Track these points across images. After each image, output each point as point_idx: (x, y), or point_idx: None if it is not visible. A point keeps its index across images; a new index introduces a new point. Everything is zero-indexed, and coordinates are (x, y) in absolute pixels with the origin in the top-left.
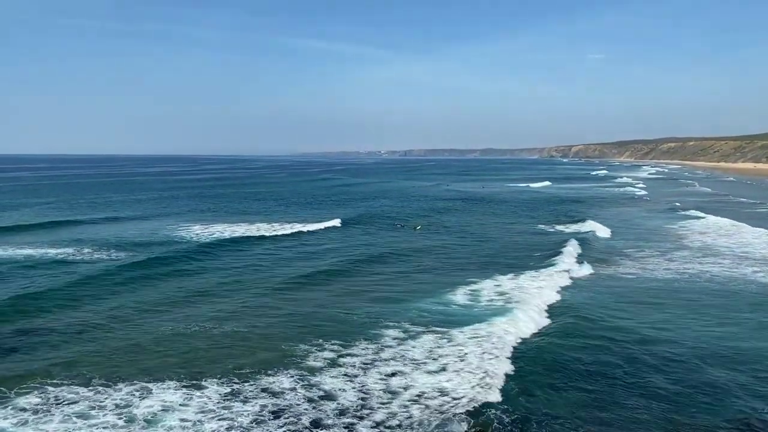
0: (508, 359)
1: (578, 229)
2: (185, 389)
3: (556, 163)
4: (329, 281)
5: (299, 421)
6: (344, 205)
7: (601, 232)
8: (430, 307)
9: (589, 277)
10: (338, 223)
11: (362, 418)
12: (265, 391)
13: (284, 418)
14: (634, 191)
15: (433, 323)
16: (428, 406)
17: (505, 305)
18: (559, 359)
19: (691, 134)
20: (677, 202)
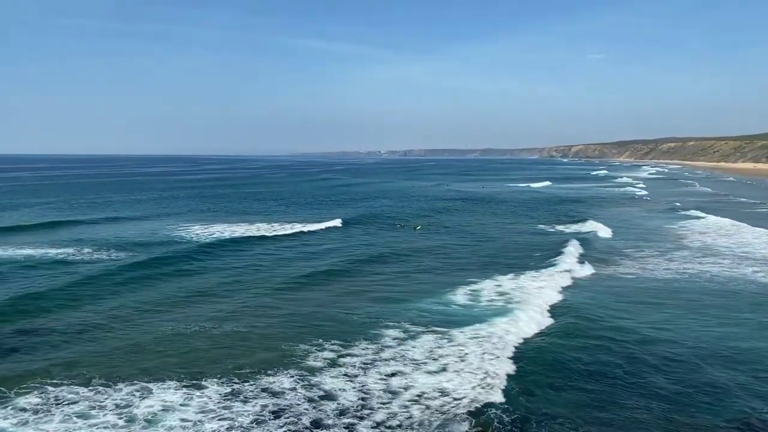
0: (509, 359)
1: (579, 229)
2: (185, 389)
3: (556, 163)
4: (329, 281)
5: (299, 421)
6: (344, 205)
7: (602, 232)
8: (430, 307)
9: (590, 277)
10: (339, 223)
11: (363, 418)
12: (265, 391)
13: (284, 417)
14: (634, 191)
15: (433, 323)
16: (429, 406)
17: (505, 305)
18: (560, 359)
19: (691, 134)
20: (677, 202)
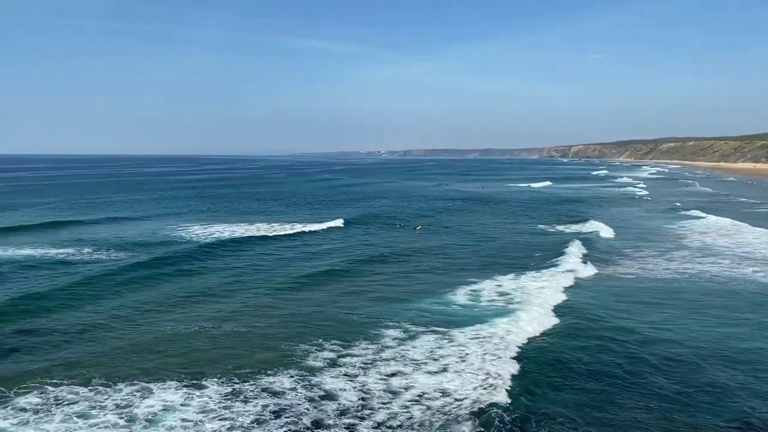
0: (510, 360)
1: (581, 229)
2: (186, 389)
3: (556, 163)
4: (329, 281)
5: (300, 421)
6: (344, 205)
7: (603, 232)
8: (430, 307)
9: (592, 277)
10: (340, 223)
11: (363, 418)
12: (265, 391)
13: (285, 417)
14: (635, 191)
15: (433, 323)
16: (430, 406)
17: (506, 305)
18: (561, 359)
19: (691, 134)
20: (678, 202)
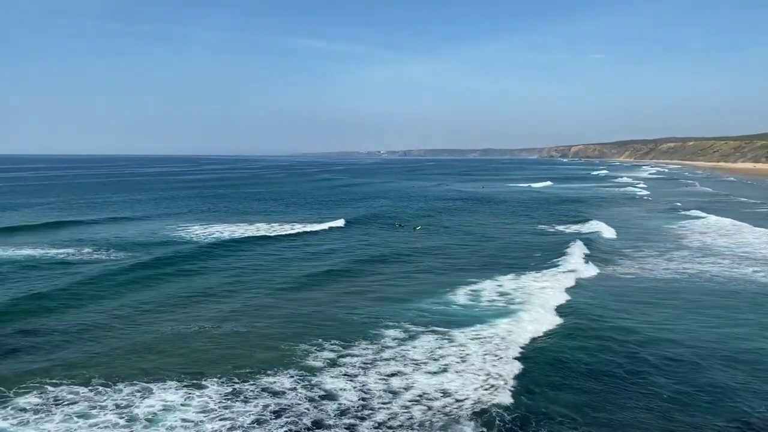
0: (511, 360)
1: (583, 229)
2: (186, 389)
3: (556, 163)
4: (329, 281)
5: (300, 421)
6: (344, 205)
7: (606, 232)
8: (434, 307)
9: (593, 277)
10: (341, 223)
11: (364, 418)
12: (265, 390)
13: (285, 417)
14: (635, 191)
15: (437, 323)
16: (431, 407)
17: (507, 306)
18: (562, 359)
19: (690, 134)
20: (678, 202)
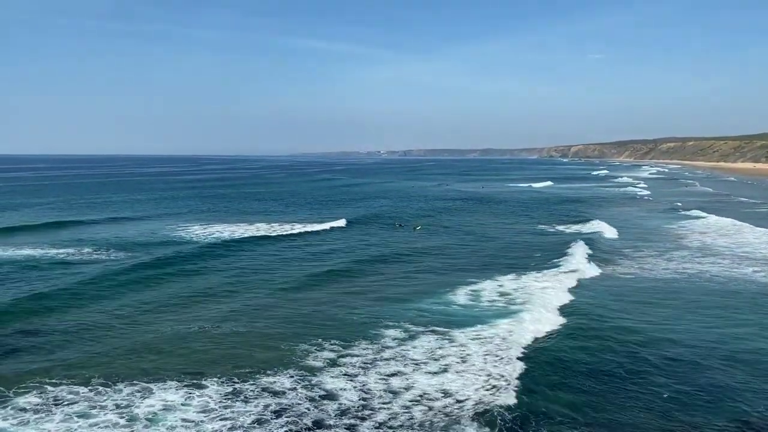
0: (512, 360)
1: (585, 229)
2: (186, 389)
3: (556, 163)
4: (329, 281)
5: (301, 421)
6: (344, 205)
7: (607, 232)
8: (436, 307)
9: (595, 277)
10: (342, 223)
11: (364, 419)
12: (266, 390)
13: (286, 417)
14: (636, 191)
15: (439, 323)
16: (431, 407)
17: (509, 306)
18: (563, 360)
19: (690, 134)
20: (679, 202)
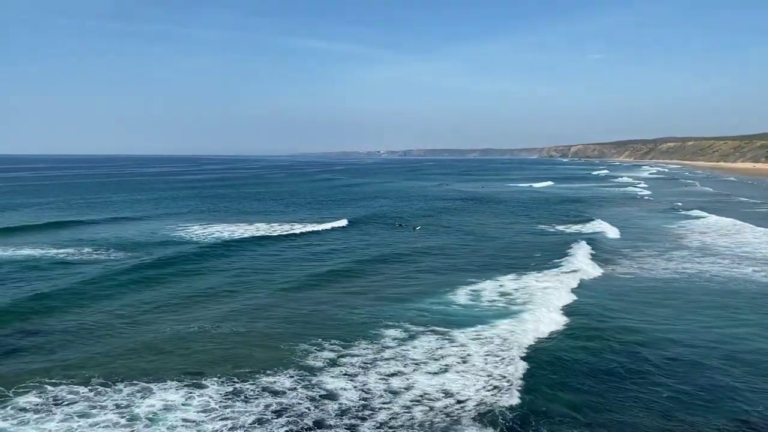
0: (513, 360)
1: (585, 229)
2: (186, 389)
3: (556, 163)
4: (329, 281)
5: (301, 420)
6: (344, 205)
7: (608, 232)
8: (435, 307)
9: (596, 277)
10: (343, 223)
11: (365, 419)
12: (266, 390)
13: (286, 417)
14: (636, 191)
15: (438, 323)
16: (432, 407)
17: (511, 306)
18: (564, 359)
19: (690, 134)
20: (679, 202)
